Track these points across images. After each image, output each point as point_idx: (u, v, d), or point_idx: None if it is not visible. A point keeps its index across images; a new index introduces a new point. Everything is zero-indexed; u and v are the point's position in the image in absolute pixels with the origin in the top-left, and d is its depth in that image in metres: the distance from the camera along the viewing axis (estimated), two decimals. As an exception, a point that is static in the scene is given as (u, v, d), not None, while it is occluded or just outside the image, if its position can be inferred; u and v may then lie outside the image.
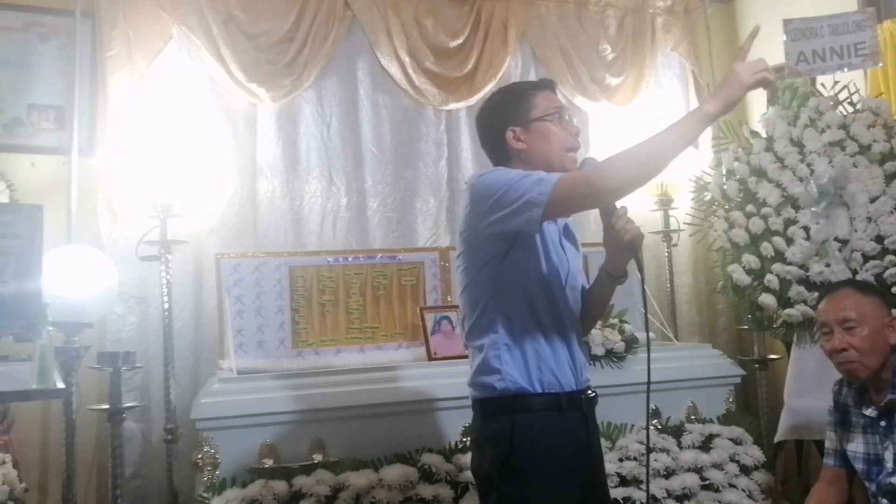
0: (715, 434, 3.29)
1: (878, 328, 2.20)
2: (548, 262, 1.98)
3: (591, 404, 2.04)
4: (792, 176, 3.23)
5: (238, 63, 3.70)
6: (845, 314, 2.23)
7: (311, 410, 2.93)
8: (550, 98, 2.05)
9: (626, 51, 4.42)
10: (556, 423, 1.92)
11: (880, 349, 2.20)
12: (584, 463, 1.99)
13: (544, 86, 2.09)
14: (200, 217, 3.62)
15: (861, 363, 2.21)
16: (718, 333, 4.43)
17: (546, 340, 1.95)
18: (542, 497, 1.88)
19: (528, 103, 2.03)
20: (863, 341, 2.20)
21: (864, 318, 2.21)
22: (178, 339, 3.52)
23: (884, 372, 2.23)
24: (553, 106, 2.03)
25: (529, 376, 1.92)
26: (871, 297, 2.27)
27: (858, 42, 3.32)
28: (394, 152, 4.02)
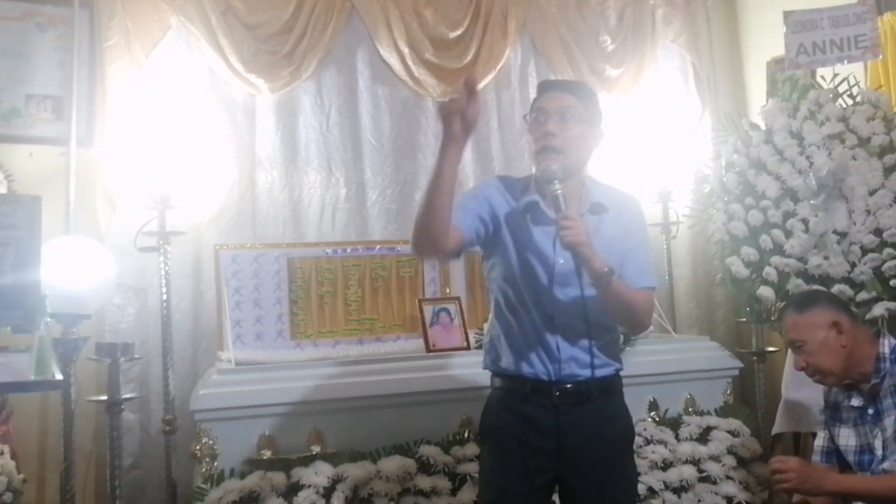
0: (713, 426, 3.30)
1: (822, 339, 2.29)
2: (522, 264, 2.09)
3: (567, 396, 2.07)
4: (791, 168, 3.22)
5: (237, 54, 3.69)
6: (790, 336, 2.37)
7: (309, 402, 2.94)
8: (540, 101, 2.11)
9: (626, 42, 4.40)
10: (517, 405, 2.11)
11: (832, 355, 2.28)
12: (555, 451, 2.07)
13: (548, 88, 2.15)
14: (199, 208, 3.62)
15: (821, 373, 2.32)
16: (717, 326, 4.43)
17: (518, 332, 2.11)
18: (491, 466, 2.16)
19: (532, 106, 2.15)
20: (812, 356, 2.30)
21: (807, 336, 2.31)
22: (177, 330, 3.53)
23: (860, 366, 2.29)
24: (534, 107, 2.11)
25: (499, 359, 2.14)
26: (810, 311, 2.34)
27: (859, 34, 3.32)
28: (393, 143, 4.01)
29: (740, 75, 4.65)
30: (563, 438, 2.07)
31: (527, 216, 2.10)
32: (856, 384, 2.33)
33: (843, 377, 2.30)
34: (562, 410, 2.07)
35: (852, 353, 2.27)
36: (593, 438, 2.08)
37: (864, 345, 2.29)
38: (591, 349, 2.10)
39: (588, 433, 2.08)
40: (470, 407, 3.05)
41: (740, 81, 4.65)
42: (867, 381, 2.29)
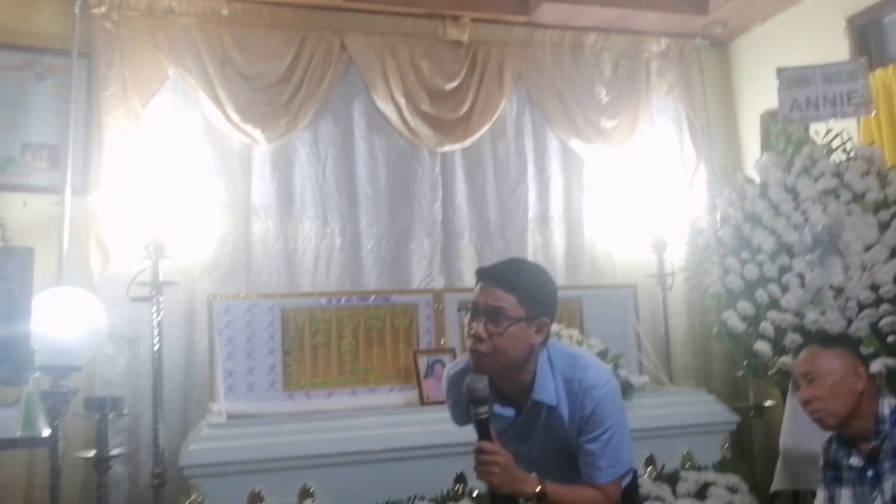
0: (710, 482, 3.27)
1: (839, 378, 2.24)
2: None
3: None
4: (786, 223, 3.22)
5: (234, 104, 3.70)
6: (805, 368, 2.30)
7: (300, 457, 2.91)
8: (476, 292, 1.95)
9: (620, 94, 4.44)
10: None
11: (844, 396, 2.23)
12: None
13: (481, 277, 1.97)
14: (193, 257, 3.61)
15: (826, 411, 2.25)
16: (713, 377, 4.40)
17: None
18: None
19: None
20: (824, 391, 2.24)
21: (825, 370, 2.26)
22: (169, 380, 3.49)
23: (862, 420, 2.24)
24: (470, 301, 1.96)
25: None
26: (833, 349, 2.30)
27: (851, 91, 3.35)
28: (389, 193, 4.02)
29: (734, 127, 4.69)
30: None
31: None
32: (854, 440, 2.30)
33: (844, 423, 2.25)
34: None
35: (861, 403, 2.23)
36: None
37: (871, 400, 2.25)
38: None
39: None
40: (464, 462, 2.97)
41: (734, 133, 4.68)
42: (866, 439, 2.25)
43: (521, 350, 1.91)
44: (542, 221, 4.28)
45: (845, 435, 2.32)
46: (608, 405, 1.96)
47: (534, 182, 4.28)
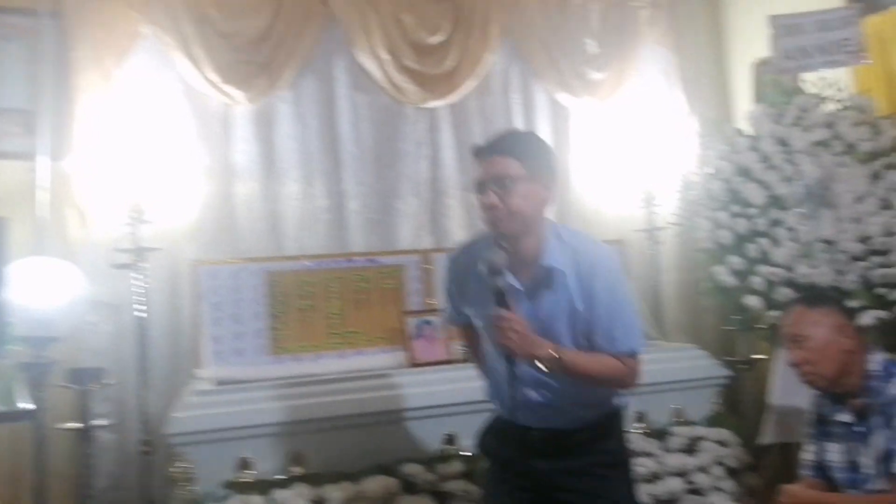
0: (701, 437, 3.26)
1: (826, 338, 2.25)
2: (482, 329, 2.14)
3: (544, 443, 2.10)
4: (777, 176, 3.18)
5: (212, 63, 3.60)
6: (793, 330, 2.31)
7: (288, 422, 2.88)
8: (477, 169, 2.02)
9: (609, 45, 4.33)
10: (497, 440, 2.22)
11: (832, 357, 2.24)
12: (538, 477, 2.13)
13: (477, 154, 2.03)
14: (175, 222, 3.54)
15: (816, 374, 2.27)
16: (704, 331, 4.38)
17: (495, 376, 2.18)
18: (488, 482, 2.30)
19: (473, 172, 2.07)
20: (812, 353, 2.26)
21: (811, 331, 2.27)
22: (155, 347, 3.45)
23: (851, 378, 2.25)
24: (473, 179, 2.03)
25: (489, 391, 2.25)
26: (819, 308, 2.30)
27: (844, 38, 3.27)
28: (374, 152, 3.94)
29: (725, 77, 4.60)
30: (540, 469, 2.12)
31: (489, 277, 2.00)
32: (843, 396, 2.29)
33: (833, 383, 2.26)
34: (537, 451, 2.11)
35: (849, 362, 2.23)
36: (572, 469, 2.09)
37: (861, 356, 2.25)
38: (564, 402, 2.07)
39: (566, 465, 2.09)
40: (455, 423, 3.01)
41: (725, 83, 4.59)
42: (855, 395, 2.25)
43: (533, 207, 1.98)
44: (531, 177, 4.21)
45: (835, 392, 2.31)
46: (617, 276, 2.05)
47: (521, 137, 4.20)
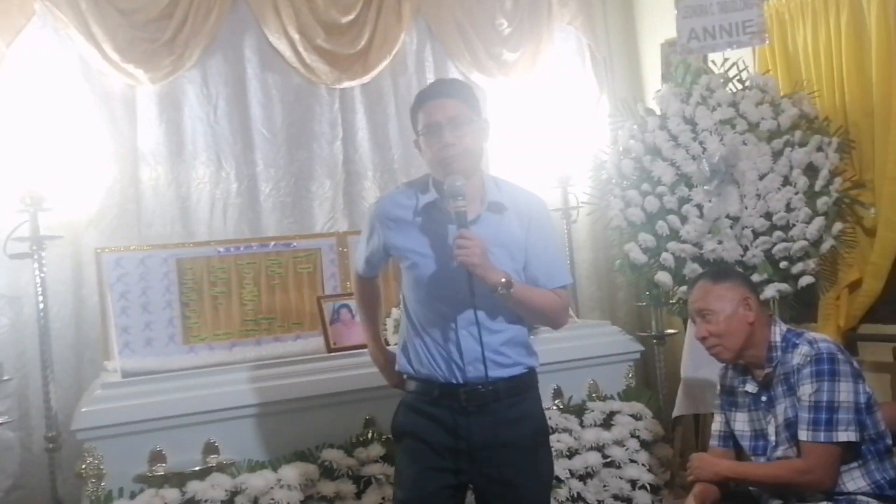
0: (616, 411, 3.33)
1: (731, 312, 2.31)
2: (422, 269, 2.13)
3: (474, 399, 2.10)
4: (685, 154, 3.25)
5: (111, 42, 3.44)
6: (699, 305, 2.37)
7: (202, 412, 2.80)
8: (429, 111, 2.12)
9: (522, 25, 4.35)
10: (427, 408, 2.15)
11: (737, 329, 2.31)
12: (465, 451, 2.11)
13: (429, 97, 2.15)
14: (77, 209, 3.40)
15: (722, 346, 2.33)
16: (618, 307, 4.49)
17: (425, 335, 2.15)
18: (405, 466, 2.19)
19: (416, 118, 2.16)
20: (718, 327, 2.32)
21: (716, 306, 2.33)
22: (58, 339, 3.31)
23: (756, 349, 2.33)
24: (424, 123, 2.12)
25: (412, 361, 2.19)
26: (723, 283, 2.37)
27: (746, 20, 3.36)
28: (286, 134, 3.86)
29: (636, 57, 4.69)
30: (473, 440, 2.10)
31: (428, 216, 2.14)
32: (749, 368, 2.37)
33: (739, 355, 2.34)
34: (470, 412, 2.10)
35: (753, 334, 2.31)
36: (502, 440, 2.10)
37: (764, 328, 2.33)
38: (498, 350, 2.12)
39: (497, 434, 2.09)
40: (373, 407, 2.99)
41: (636, 63, 4.69)
42: (760, 366, 2.33)
43: (479, 146, 2.15)
44: (447, 158, 4.20)
45: (740, 364, 2.39)
46: (549, 217, 2.27)
47: (437, 118, 4.19)
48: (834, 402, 2.13)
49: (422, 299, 2.15)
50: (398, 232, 2.17)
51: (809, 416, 2.15)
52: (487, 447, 2.10)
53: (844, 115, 3.38)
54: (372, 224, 2.24)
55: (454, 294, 2.07)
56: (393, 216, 2.18)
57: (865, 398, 2.17)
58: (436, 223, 2.13)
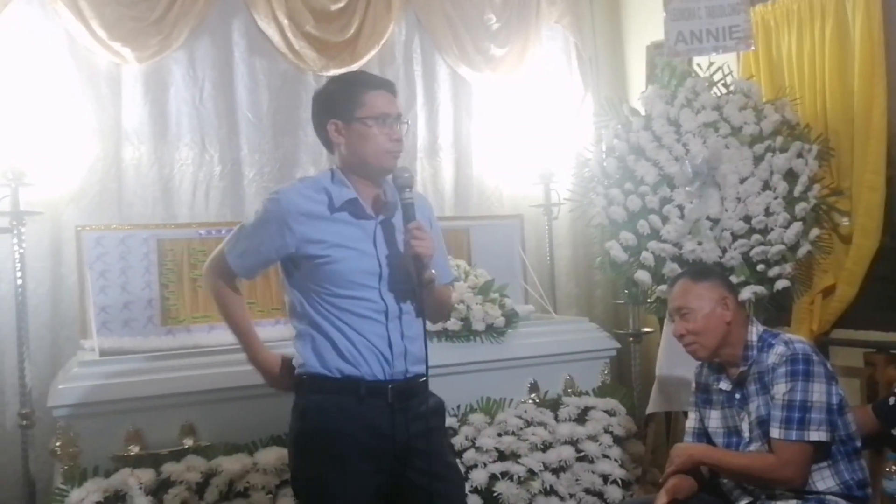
0: (590, 406, 3.36)
1: (709, 310, 2.36)
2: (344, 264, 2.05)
3: (403, 394, 2.08)
4: (668, 155, 3.29)
5: (99, 19, 3.41)
6: (678, 303, 2.41)
7: (179, 393, 2.80)
8: (382, 101, 2.08)
9: (510, 22, 4.38)
10: (352, 408, 2.03)
11: (714, 328, 2.35)
12: (391, 451, 2.06)
13: (379, 85, 2.11)
14: (58, 186, 3.37)
15: (699, 344, 2.37)
16: (595, 305, 4.54)
17: (347, 332, 2.05)
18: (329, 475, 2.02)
19: (356, 101, 2.07)
20: (696, 325, 2.36)
21: (695, 304, 2.37)
22: (34, 316, 3.28)
23: (732, 348, 2.37)
24: (380, 111, 2.07)
25: (326, 361, 2.05)
26: (703, 282, 2.41)
27: (733, 25, 3.41)
28: (272, 119, 3.85)
29: (621, 58, 4.73)
30: (399, 436, 2.06)
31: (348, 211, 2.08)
32: (724, 366, 2.42)
33: (715, 353, 2.37)
34: (396, 409, 2.07)
35: (729, 333, 2.35)
36: (424, 431, 2.10)
37: (740, 328, 2.37)
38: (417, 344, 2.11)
39: (420, 427, 2.10)
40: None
41: (621, 64, 4.73)
42: (735, 365, 2.37)
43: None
44: (431, 151, 4.23)
45: (716, 362, 2.43)
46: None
47: (423, 110, 4.21)
48: (807, 401, 2.18)
49: (343, 294, 2.05)
50: (313, 227, 2.05)
51: (782, 414, 2.19)
52: (413, 440, 2.07)
53: (825, 122, 3.44)
54: (276, 219, 2.05)
55: (381, 287, 2.07)
56: (305, 210, 2.05)
57: (838, 399, 2.22)
58: (358, 218, 2.08)
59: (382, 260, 2.08)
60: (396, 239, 2.10)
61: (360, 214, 2.09)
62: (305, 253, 2.05)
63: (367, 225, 2.09)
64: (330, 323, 2.06)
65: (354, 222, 2.08)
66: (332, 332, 2.05)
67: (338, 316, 2.05)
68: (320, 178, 2.14)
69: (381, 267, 2.07)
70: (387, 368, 2.07)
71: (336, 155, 2.12)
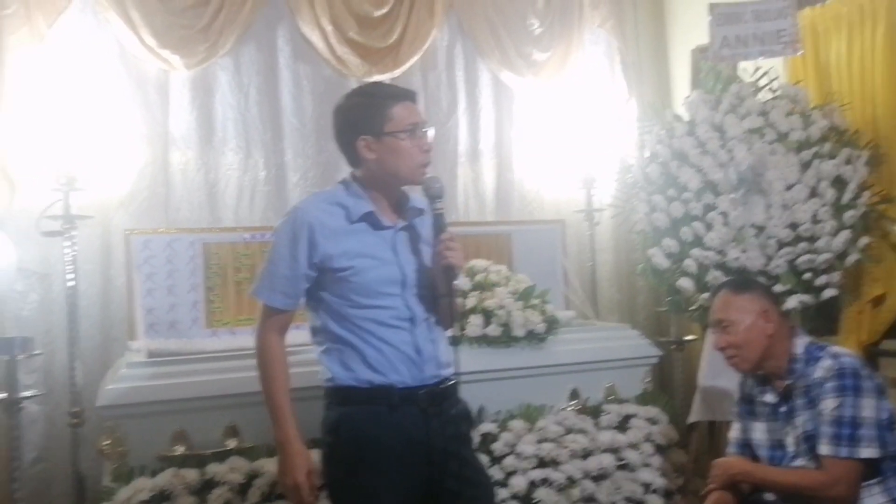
0: (632, 414, 3.33)
1: (750, 323, 2.32)
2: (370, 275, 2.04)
3: (435, 398, 2.08)
4: (712, 161, 3.25)
5: (149, 27, 3.49)
6: (718, 316, 2.38)
7: (224, 395, 2.83)
8: (408, 111, 2.05)
9: (553, 26, 4.36)
10: (385, 418, 2.02)
11: (755, 341, 2.31)
12: (426, 458, 2.04)
13: (403, 96, 2.09)
14: (108, 190, 3.45)
15: (740, 357, 2.34)
16: (637, 311, 4.49)
17: (376, 341, 2.04)
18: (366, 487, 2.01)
19: (383, 115, 2.03)
20: (737, 338, 2.33)
21: (736, 317, 2.33)
22: (85, 317, 3.37)
23: (776, 360, 2.33)
24: (408, 122, 2.04)
25: (356, 371, 2.04)
26: (744, 294, 2.37)
27: (780, 29, 3.36)
28: (315, 124, 3.89)
29: (665, 62, 4.68)
30: (435, 442, 2.05)
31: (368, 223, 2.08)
32: (769, 378, 2.38)
33: (757, 366, 2.34)
34: (430, 414, 2.07)
35: (772, 346, 2.31)
36: (458, 435, 2.12)
37: (784, 340, 2.33)
38: (441, 349, 2.13)
39: (454, 430, 2.11)
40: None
41: (665, 68, 4.68)
42: (780, 377, 2.33)
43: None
44: (473, 156, 4.23)
45: (760, 374, 2.40)
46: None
47: (465, 115, 4.21)
48: (857, 417, 2.13)
49: (367, 304, 2.04)
50: (335, 239, 2.04)
51: (832, 430, 2.15)
52: (445, 446, 2.06)
53: (875, 128, 3.36)
54: (304, 234, 2.04)
55: (405, 294, 2.07)
56: (326, 223, 2.04)
57: (887, 414, 2.17)
58: (376, 229, 2.08)
59: (404, 267, 2.08)
60: (418, 246, 2.12)
61: (378, 225, 2.09)
62: (329, 266, 2.04)
63: (385, 234, 2.09)
64: (355, 335, 2.05)
65: (373, 232, 2.08)
66: (359, 344, 2.05)
67: (363, 326, 2.05)
68: (332, 192, 2.13)
69: (403, 274, 2.07)
70: (417, 374, 2.06)
71: (361, 169, 2.09)
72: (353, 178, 2.12)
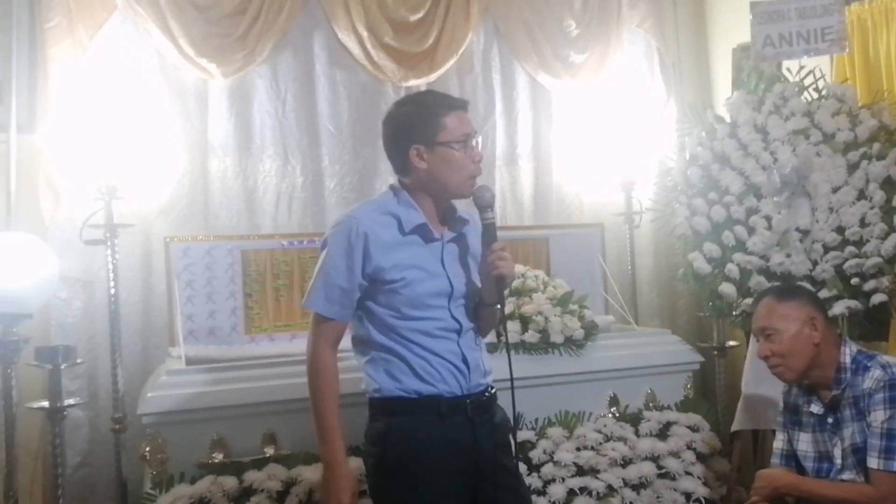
0: (672, 421, 3.28)
1: (796, 332, 2.27)
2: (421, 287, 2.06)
3: (481, 407, 2.12)
4: (755, 164, 3.18)
5: (187, 37, 3.52)
6: (762, 324, 2.33)
7: (262, 403, 2.86)
8: (460, 121, 2.06)
9: (590, 27, 4.31)
10: (434, 427, 2.03)
11: (801, 350, 2.26)
12: (473, 466, 2.07)
13: (456, 106, 2.09)
14: (148, 198, 3.49)
15: (785, 366, 2.29)
16: (678, 316, 4.42)
17: (423, 351, 2.05)
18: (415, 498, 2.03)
19: (436, 125, 2.04)
20: (781, 346, 2.27)
21: (780, 325, 2.28)
22: (126, 324, 3.41)
23: (822, 370, 2.27)
24: (461, 132, 2.05)
25: (402, 383, 2.05)
26: (789, 302, 2.31)
27: (825, 26, 3.27)
28: (352, 130, 3.89)
29: (706, 62, 4.60)
30: (484, 450, 2.09)
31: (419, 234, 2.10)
32: (814, 388, 2.32)
33: (803, 376, 2.28)
34: (476, 423, 2.09)
35: (819, 355, 2.26)
36: (502, 443, 2.15)
37: (831, 349, 2.27)
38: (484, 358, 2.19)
39: (498, 442, 2.14)
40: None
41: (706, 68, 4.60)
42: (827, 387, 2.27)
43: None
44: (510, 159, 4.20)
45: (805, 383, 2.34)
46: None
47: (501, 118, 4.18)
48: (907, 430, 2.07)
49: (415, 316, 2.06)
50: (388, 251, 2.04)
51: (881, 443, 2.09)
52: (491, 455, 2.10)
53: (927, 127, 3.26)
54: (360, 245, 2.03)
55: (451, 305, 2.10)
56: (379, 234, 2.04)
57: (939, 427, 2.10)
58: (427, 241, 2.11)
59: (452, 279, 2.10)
60: (465, 257, 2.14)
61: (429, 237, 2.11)
62: (381, 278, 2.04)
63: (434, 246, 2.11)
64: (402, 345, 2.06)
65: (424, 245, 2.10)
66: (406, 354, 2.06)
67: (410, 337, 2.06)
68: (383, 200, 2.14)
69: (451, 287, 2.09)
70: (464, 383, 2.09)
71: (410, 177, 2.10)
72: (401, 185, 2.13)
